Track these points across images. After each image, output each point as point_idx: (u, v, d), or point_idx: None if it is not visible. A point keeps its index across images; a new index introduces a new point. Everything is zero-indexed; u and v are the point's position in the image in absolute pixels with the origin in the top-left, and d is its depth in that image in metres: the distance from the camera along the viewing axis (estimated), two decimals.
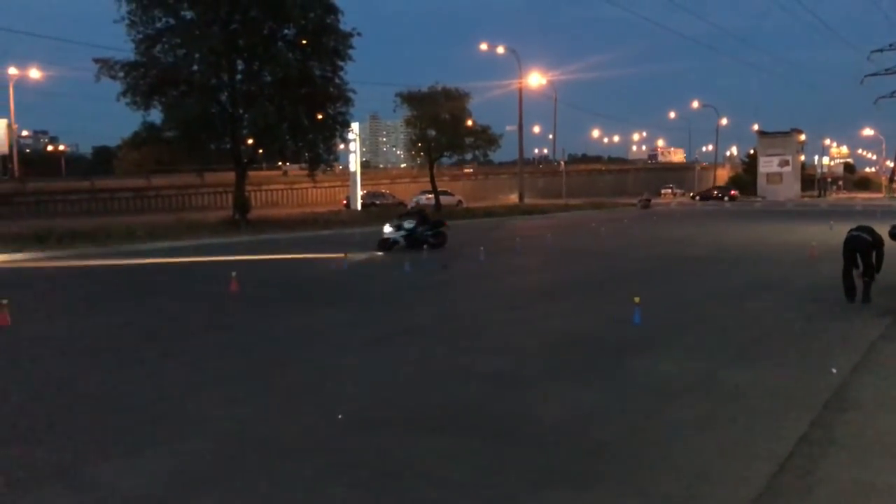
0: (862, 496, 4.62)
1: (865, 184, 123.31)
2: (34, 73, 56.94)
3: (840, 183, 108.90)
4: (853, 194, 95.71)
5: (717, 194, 76.15)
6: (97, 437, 5.77)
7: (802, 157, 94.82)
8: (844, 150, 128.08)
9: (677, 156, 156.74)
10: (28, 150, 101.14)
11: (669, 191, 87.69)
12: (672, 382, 7.21)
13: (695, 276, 15.96)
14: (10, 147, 59.71)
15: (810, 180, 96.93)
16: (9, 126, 58.78)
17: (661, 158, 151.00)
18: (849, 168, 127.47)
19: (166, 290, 14.32)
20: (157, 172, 56.12)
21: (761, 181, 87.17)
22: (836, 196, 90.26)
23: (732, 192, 77.62)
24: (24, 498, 4.62)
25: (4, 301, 10.43)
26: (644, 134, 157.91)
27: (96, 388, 7.22)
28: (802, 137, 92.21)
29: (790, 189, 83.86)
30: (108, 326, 10.55)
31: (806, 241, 21.87)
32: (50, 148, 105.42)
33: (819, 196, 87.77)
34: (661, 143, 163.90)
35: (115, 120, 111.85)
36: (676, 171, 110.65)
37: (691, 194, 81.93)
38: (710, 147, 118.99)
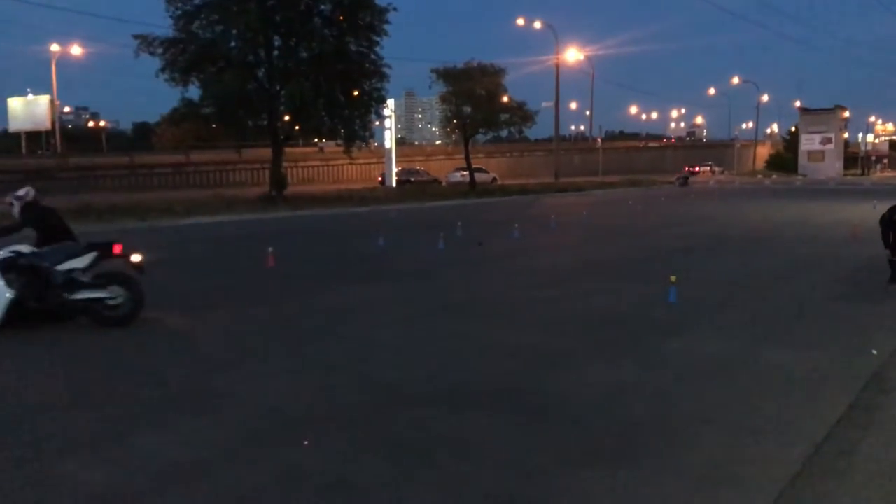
0: None
1: None
2: (75, 50, 57.53)
3: (885, 161, 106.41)
4: None
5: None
6: (132, 408, 5.88)
7: (846, 135, 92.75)
8: (890, 126, 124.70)
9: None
10: (70, 126, 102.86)
11: (707, 168, 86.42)
12: (708, 362, 7.16)
13: (732, 255, 15.76)
14: (53, 123, 60.86)
15: (853, 158, 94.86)
16: (51, 102, 59.93)
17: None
18: (894, 146, 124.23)
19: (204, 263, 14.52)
20: (195, 148, 56.75)
21: (802, 159, 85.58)
22: (881, 174, 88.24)
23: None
24: (60, 464, 4.76)
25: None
26: (683, 110, 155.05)
27: (133, 360, 7.38)
28: (846, 114, 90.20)
29: (832, 167, 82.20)
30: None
31: (848, 221, 21.45)
32: (91, 124, 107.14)
33: (862, 174, 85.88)
34: (699, 119, 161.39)
35: (154, 96, 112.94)
36: (716, 149, 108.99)
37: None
38: (751, 124, 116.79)
